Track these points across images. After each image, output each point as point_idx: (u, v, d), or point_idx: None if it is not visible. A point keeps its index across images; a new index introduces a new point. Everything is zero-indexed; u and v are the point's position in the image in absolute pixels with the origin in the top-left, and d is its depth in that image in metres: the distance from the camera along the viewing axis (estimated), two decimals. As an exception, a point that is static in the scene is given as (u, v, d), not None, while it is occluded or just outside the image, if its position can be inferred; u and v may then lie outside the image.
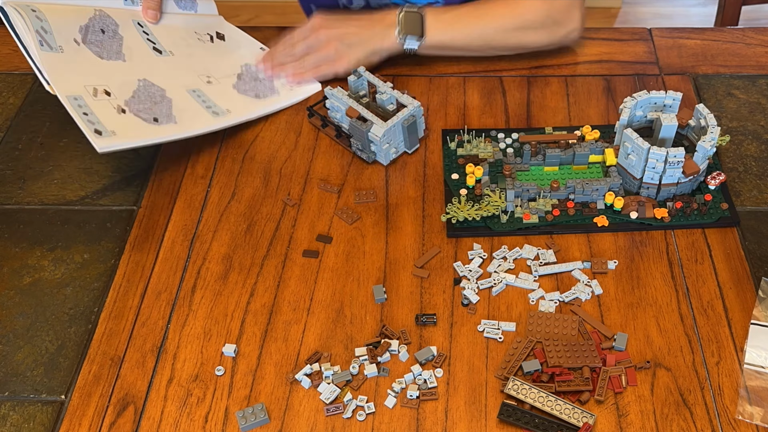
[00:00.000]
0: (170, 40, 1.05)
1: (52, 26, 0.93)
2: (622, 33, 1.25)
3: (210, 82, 1.02)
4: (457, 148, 1.05)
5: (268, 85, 1.07)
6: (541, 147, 1.02)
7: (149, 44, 1.02)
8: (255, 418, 0.79)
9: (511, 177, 0.98)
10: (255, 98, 1.03)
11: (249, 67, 1.11)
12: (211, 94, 1.01)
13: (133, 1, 1.05)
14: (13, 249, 0.97)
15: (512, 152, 1.04)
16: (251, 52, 1.14)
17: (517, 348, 0.84)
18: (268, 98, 1.05)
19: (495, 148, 1.04)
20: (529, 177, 1.00)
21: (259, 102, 1.03)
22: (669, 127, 0.96)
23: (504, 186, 0.97)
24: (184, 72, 1.03)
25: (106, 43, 0.97)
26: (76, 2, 1.00)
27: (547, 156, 1.00)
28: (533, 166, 1.01)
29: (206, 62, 1.07)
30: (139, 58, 1.00)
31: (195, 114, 0.97)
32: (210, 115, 0.97)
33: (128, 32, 1.01)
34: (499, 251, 0.94)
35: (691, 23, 2.65)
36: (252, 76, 1.08)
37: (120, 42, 0.99)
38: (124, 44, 1.00)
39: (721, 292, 0.90)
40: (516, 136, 1.06)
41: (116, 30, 1.00)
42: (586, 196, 0.97)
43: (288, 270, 0.94)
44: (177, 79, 1.01)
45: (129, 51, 1.00)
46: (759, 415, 0.78)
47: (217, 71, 1.06)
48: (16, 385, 0.84)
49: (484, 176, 1.00)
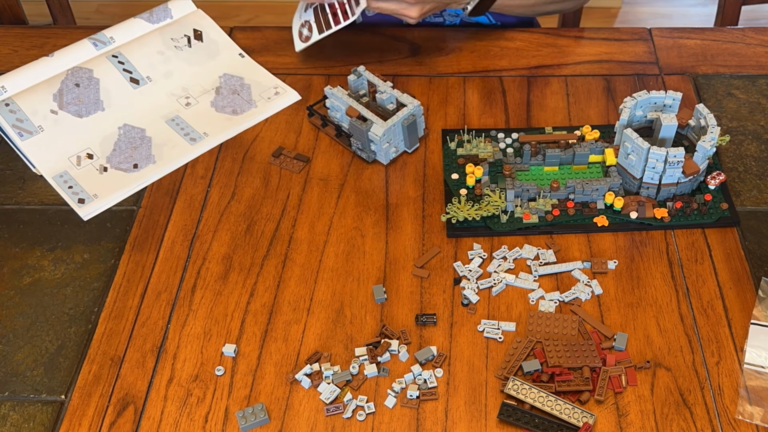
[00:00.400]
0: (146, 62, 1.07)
1: (26, 112, 0.97)
2: (622, 33, 1.25)
3: (189, 103, 1.04)
4: (457, 148, 1.05)
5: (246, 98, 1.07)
6: (541, 147, 1.02)
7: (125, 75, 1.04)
8: (255, 418, 0.79)
9: (511, 177, 0.98)
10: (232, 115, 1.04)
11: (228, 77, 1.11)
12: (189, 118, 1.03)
13: (105, 43, 1.06)
14: (13, 249, 0.97)
15: (512, 152, 1.04)
16: (230, 59, 1.14)
17: (517, 348, 0.84)
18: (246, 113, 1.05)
19: (495, 148, 1.04)
20: (529, 177, 1.00)
21: (236, 119, 1.04)
22: (669, 127, 0.96)
23: (504, 186, 0.97)
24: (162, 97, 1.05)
25: (83, 95, 1.00)
26: (48, 72, 1.02)
27: (547, 156, 1.00)
28: (533, 166, 1.01)
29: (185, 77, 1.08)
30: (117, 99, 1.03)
31: (173, 147, 1.00)
32: (188, 143, 0.99)
33: (103, 71, 1.04)
34: (499, 251, 0.94)
35: (691, 23, 2.65)
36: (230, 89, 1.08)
37: (97, 87, 1.02)
38: (101, 87, 1.02)
39: (721, 292, 0.90)
40: (516, 136, 1.06)
41: (91, 75, 1.03)
42: (586, 196, 0.97)
43: (288, 270, 0.94)
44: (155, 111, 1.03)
45: (107, 94, 1.03)
46: (759, 415, 0.78)
47: (195, 87, 1.07)
48: (16, 385, 0.84)
49: (484, 176, 1.00)
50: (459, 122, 1.11)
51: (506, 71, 1.19)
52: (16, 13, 1.41)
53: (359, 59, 1.19)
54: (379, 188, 1.02)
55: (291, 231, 0.98)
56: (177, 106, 1.04)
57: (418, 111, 1.04)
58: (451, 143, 1.06)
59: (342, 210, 1.00)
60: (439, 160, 1.05)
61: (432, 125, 1.10)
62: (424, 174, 1.04)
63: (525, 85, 1.16)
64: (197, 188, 1.04)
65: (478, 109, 1.13)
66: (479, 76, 1.18)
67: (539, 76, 1.18)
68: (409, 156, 1.06)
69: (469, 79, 1.17)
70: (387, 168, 1.05)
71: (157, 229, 0.99)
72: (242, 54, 1.13)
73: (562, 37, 1.25)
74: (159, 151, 0.98)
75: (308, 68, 1.18)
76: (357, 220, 0.99)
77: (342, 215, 0.99)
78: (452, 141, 1.06)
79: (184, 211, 1.01)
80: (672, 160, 0.92)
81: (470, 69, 1.19)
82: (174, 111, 1.03)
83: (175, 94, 1.05)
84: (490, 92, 1.15)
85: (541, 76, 1.18)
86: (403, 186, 1.02)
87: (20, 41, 1.24)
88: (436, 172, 1.04)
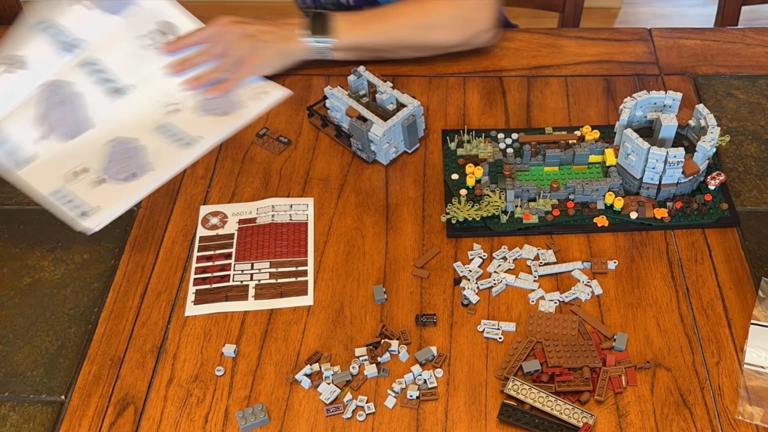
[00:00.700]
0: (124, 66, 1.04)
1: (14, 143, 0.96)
2: (622, 33, 1.25)
3: (178, 109, 1.02)
4: (457, 149, 1.05)
5: (233, 99, 1.05)
6: (541, 147, 1.02)
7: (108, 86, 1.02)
8: (255, 418, 0.79)
9: (511, 177, 0.98)
10: (223, 116, 1.03)
11: None
12: (180, 123, 1.01)
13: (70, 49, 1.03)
14: (13, 249, 0.97)
15: (512, 152, 1.04)
16: None
17: (517, 348, 0.84)
18: (237, 112, 1.04)
19: (495, 148, 1.04)
20: (529, 177, 1.00)
21: (227, 119, 1.02)
22: (669, 127, 0.96)
23: (504, 186, 0.97)
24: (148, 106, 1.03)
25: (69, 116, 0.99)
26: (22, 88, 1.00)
27: (547, 156, 1.00)
28: (533, 166, 1.01)
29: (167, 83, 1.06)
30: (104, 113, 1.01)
31: (169, 153, 0.98)
32: (183, 148, 0.98)
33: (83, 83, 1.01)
34: (499, 251, 0.94)
35: (691, 23, 2.65)
36: None
37: (82, 102, 1.00)
38: (86, 103, 1.00)
39: (721, 292, 0.90)
40: (516, 137, 1.06)
41: (73, 90, 1.01)
42: (586, 196, 0.97)
43: (288, 270, 0.94)
44: (144, 119, 1.02)
45: (93, 110, 1.00)
46: (759, 416, 0.78)
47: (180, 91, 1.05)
48: (16, 386, 0.84)
49: (484, 176, 1.00)
50: (459, 122, 1.11)
51: (506, 71, 1.19)
52: (16, 13, 1.41)
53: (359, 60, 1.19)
54: (379, 188, 1.02)
55: (291, 231, 0.98)
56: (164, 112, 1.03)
57: (418, 111, 1.04)
58: (451, 143, 1.06)
59: (342, 210, 1.00)
60: (439, 160, 1.05)
61: (432, 125, 1.10)
62: (424, 174, 1.04)
63: (525, 85, 1.16)
64: (197, 188, 1.04)
65: (478, 110, 1.13)
66: (479, 77, 1.18)
67: (539, 76, 1.18)
68: (410, 156, 1.06)
69: (469, 80, 1.17)
70: (387, 168, 1.05)
71: (157, 229, 0.99)
72: None
73: (562, 37, 1.25)
74: (156, 157, 0.97)
75: (308, 69, 1.18)
76: (357, 220, 0.99)
77: (342, 215, 0.99)
78: (452, 141, 1.06)
79: (184, 211, 1.01)
80: (672, 161, 0.92)
81: (470, 69, 1.19)
82: (162, 118, 1.02)
83: (160, 102, 1.03)
84: (490, 92, 1.15)
85: (541, 76, 1.18)
86: (403, 186, 1.02)
87: (20, 41, 1.24)
88: (436, 172, 1.04)
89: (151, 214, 1.01)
